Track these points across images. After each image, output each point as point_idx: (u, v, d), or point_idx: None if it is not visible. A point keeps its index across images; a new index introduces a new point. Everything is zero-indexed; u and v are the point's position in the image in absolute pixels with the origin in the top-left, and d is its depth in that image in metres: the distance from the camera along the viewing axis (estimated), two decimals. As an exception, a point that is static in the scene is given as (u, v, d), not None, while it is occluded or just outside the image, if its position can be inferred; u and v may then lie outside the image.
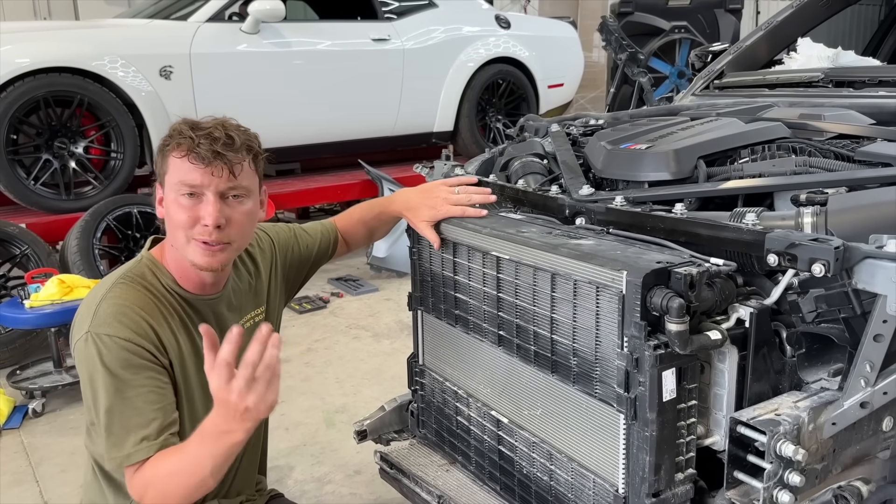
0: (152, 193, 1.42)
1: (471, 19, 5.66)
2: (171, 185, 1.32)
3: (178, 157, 1.30)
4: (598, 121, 2.15)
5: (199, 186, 1.30)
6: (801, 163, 1.39)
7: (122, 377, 1.25)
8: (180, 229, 1.32)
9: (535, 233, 1.38)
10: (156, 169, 1.38)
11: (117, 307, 1.29)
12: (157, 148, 1.37)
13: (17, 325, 2.99)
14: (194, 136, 1.29)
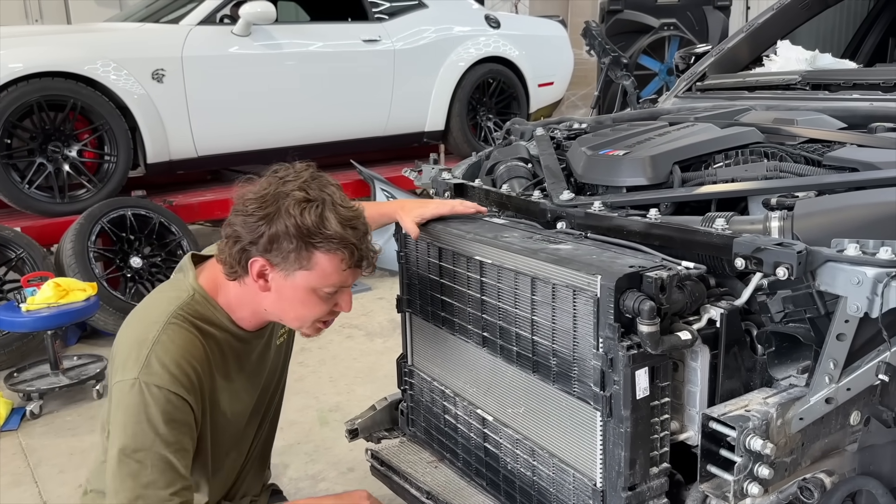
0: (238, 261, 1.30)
1: (461, 19, 5.70)
2: (313, 284, 1.28)
3: (333, 263, 1.27)
4: (582, 124, 2.21)
5: (347, 286, 1.34)
6: (772, 167, 1.45)
7: (160, 431, 1.24)
8: (309, 320, 1.34)
9: (516, 237, 1.43)
10: (268, 245, 1.25)
11: (171, 357, 1.26)
12: (288, 231, 1.24)
13: (14, 329, 3.03)
14: (357, 246, 1.28)
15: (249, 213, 1.26)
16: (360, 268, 1.32)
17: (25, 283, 3.11)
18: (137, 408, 1.23)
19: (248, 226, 1.26)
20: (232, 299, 1.37)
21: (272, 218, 1.25)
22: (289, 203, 1.24)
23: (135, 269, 3.89)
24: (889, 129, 1.61)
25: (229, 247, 1.29)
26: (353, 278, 1.33)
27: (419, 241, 1.67)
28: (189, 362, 1.28)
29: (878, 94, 1.94)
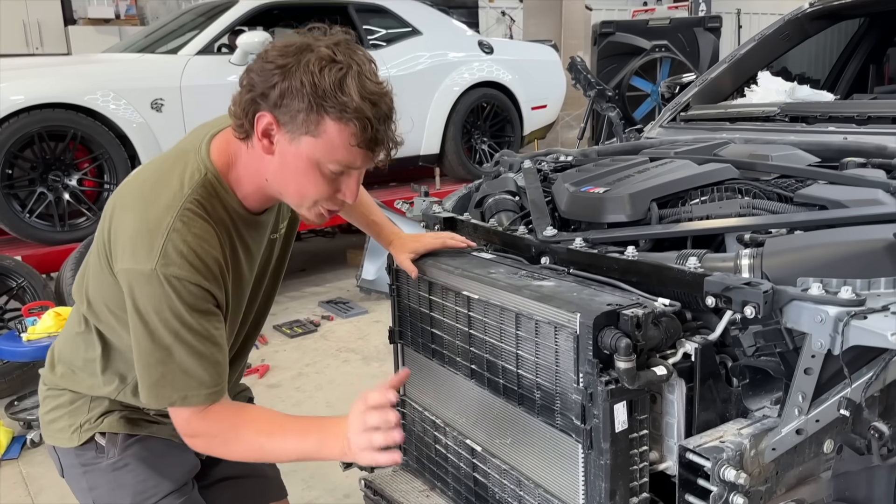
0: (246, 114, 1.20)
1: (455, 45, 5.80)
2: (318, 152, 1.17)
3: (343, 135, 1.15)
4: (568, 157, 2.28)
5: (356, 168, 1.22)
6: (745, 205, 1.51)
7: (187, 321, 1.19)
8: (309, 198, 1.24)
9: (502, 273, 1.49)
10: (276, 99, 1.15)
11: (188, 248, 1.19)
12: (302, 88, 1.13)
13: (16, 358, 3.08)
14: (373, 121, 1.15)
15: (269, 60, 1.16)
16: (372, 151, 1.19)
17: (26, 313, 3.17)
18: (158, 299, 1.18)
19: (264, 74, 1.16)
20: (241, 171, 1.28)
21: (289, 70, 1.14)
22: (311, 58, 1.13)
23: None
24: (859, 164, 1.68)
25: (242, 95, 1.20)
26: (364, 162, 1.21)
27: (407, 276, 1.72)
28: (208, 252, 1.22)
29: (852, 126, 2.02)
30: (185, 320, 1.19)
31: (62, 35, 7.97)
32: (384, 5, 5.61)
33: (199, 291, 1.20)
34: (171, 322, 1.19)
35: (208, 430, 1.26)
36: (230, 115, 1.25)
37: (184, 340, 1.20)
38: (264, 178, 1.26)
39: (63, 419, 1.43)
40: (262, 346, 4.11)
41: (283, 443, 1.24)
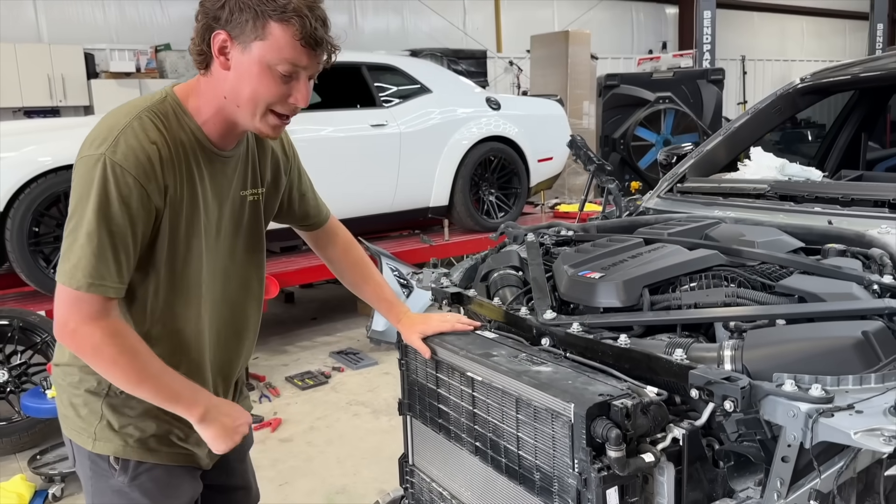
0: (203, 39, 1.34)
1: (463, 102, 6.00)
2: (266, 54, 1.30)
3: (287, 31, 1.29)
4: (569, 232, 2.40)
5: (302, 68, 1.33)
6: (730, 293, 1.62)
7: (114, 211, 1.30)
8: (261, 100, 1.34)
9: (503, 356, 1.61)
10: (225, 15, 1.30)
11: (138, 142, 1.32)
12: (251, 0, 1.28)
13: (40, 415, 3.19)
14: (310, 18, 1.29)
15: None
16: (314, 49, 1.32)
17: (51, 370, 3.28)
18: (98, 182, 1.29)
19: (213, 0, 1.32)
20: (200, 100, 1.41)
21: None
22: None
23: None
24: (839, 251, 1.80)
25: (198, 25, 1.35)
26: (309, 62, 1.33)
27: (418, 353, 1.84)
28: (155, 152, 1.33)
29: (836, 207, 2.13)
30: (113, 209, 1.30)
31: (85, 88, 8.26)
32: (395, 65, 5.83)
33: (135, 185, 1.31)
34: (101, 207, 1.29)
35: (104, 333, 1.32)
36: (190, 52, 1.40)
37: (106, 229, 1.30)
38: (223, 97, 1.38)
39: (78, 419, 1.52)
40: (274, 399, 4.21)
41: (164, 377, 1.39)
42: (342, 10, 11.05)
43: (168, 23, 9.42)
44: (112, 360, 1.35)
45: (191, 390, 1.44)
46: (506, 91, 12.12)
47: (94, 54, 8.50)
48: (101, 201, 1.30)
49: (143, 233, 1.36)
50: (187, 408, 1.43)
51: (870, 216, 2.02)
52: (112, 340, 1.34)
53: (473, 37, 12.05)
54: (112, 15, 9.05)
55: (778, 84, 16.31)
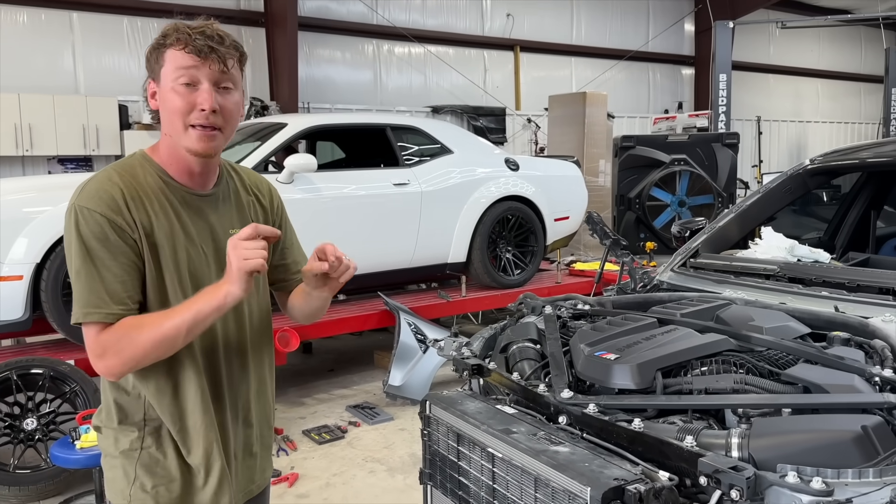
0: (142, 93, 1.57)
1: (483, 162, 6.18)
2: (168, 76, 1.48)
3: (176, 50, 1.48)
4: (585, 306, 2.51)
5: (196, 75, 1.48)
6: (739, 380, 1.72)
7: (92, 247, 1.45)
8: (178, 116, 1.49)
9: (523, 433, 1.70)
10: (148, 67, 1.53)
11: (100, 186, 1.49)
12: (150, 48, 1.52)
13: (68, 466, 3.28)
14: (191, 33, 1.48)
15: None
16: (201, 57, 1.47)
17: (80, 421, 3.40)
18: (73, 226, 1.46)
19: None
20: (161, 148, 1.58)
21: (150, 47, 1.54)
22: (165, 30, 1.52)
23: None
24: (843, 340, 1.89)
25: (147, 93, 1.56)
26: (201, 68, 1.48)
27: (440, 424, 1.94)
28: (117, 192, 1.49)
29: (842, 292, 2.23)
30: (91, 245, 1.45)
31: (117, 138, 8.56)
32: (418, 126, 6.05)
33: (102, 221, 1.46)
34: (80, 247, 1.45)
35: (108, 341, 1.44)
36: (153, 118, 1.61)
37: (91, 264, 1.44)
38: (167, 135, 1.55)
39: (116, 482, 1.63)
40: (291, 453, 4.28)
41: (174, 318, 1.44)
42: (367, 68, 11.40)
43: (199, 76, 9.76)
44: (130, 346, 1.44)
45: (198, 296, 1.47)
46: (523, 147, 12.37)
47: (129, 106, 8.82)
48: (79, 242, 1.45)
49: (131, 261, 1.49)
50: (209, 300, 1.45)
51: (874, 303, 2.12)
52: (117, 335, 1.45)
53: (493, 94, 12.36)
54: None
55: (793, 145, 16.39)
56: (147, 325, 1.46)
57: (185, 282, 1.56)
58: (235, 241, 1.45)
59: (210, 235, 1.63)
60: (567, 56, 13.50)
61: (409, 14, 11.57)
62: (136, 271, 1.51)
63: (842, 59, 18.16)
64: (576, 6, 13.55)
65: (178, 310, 1.47)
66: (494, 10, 12.52)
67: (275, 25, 10.02)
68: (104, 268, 1.45)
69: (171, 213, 1.57)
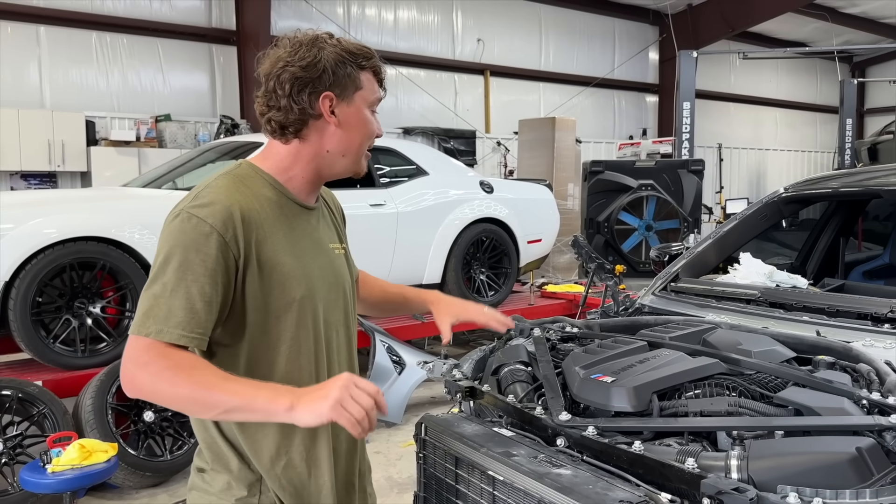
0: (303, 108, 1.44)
1: (458, 184, 6.24)
2: (365, 100, 1.48)
3: (371, 77, 1.49)
4: (573, 329, 2.55)
5: (380, 100, 1.53)
6: (733, 403, 1.76)
7: (191, 260, 1.31)
8: (367, 139, 1.51)
9: (524, 456, 1.72)
10: (330, 76, 1.42)
11: (217, 196, 1.38)
12: (337, 61, 1.43)
13: (39, 490, 3.19)
14: (377, 59, 1.49)
15: (293, 63, 1.42)
16: (382, 85, 1.54)
17: (51, 444, 3.30)
18: (176, 232, 1.34)
19: (304, 69, 1.41)
20: (283, 160, 1.50)
21: (321, 54, 1.43)
22: (323, 40, 1.45)
23: (147, 423, 4.08)
24: (828, 364, 1.96)
25: (287, 100, 1.42)
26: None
27: (437, 447, 1.94)
28: (235, 203, 1.38)
29: (823, 317, 2.31)
30: (189, 258, 1.32)
31: (84, 154, 8.41)
32: (395, 148, 6.09)
33: (211, 232, 1.33)
34: (177, 258, 1.32)
35: (161, 361, 1.27)
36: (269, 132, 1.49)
37: (181, 278, 1.31)
38: (325, 151, 1.49)
39: None
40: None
41: (232, 386, 1.26)
42: (338, 87, 11.42)
43: (169, 93, 9.69)
44: (169, 380, 1.26)
45: (269, 387, 1.29)
46: (493, 169, 12.50)
47: (96, 122, 8.69)
48: (180, 256, 1.33)
49: (223, 284, 1.36)
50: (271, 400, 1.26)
51: (854, 328, 2.19)
52: (161, 361, 1.28)
53: (463, 117, 12.49)
54: (115, 83, 9.30)
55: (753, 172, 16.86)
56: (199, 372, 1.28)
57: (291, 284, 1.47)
58: (349, 380, 1.28)
59: (318, 246, 1.57)
60: (536, 81, 13.73)
61: (382, 36, 11.66)
62: (221, 296, 1.36)
63: (799, 89, 18.81)
64: (544, 33, 13.81)
65: (233, 385, 1.29)
66: (465, 35, 12.70)
67: (247, 44, 10.01)
68: (195, 284, 1.32)
69: (280, 222, 1.48)
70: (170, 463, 4.03)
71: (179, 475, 4.17)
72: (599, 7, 14.36)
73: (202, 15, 9.95)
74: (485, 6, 12.80)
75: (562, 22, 13.93)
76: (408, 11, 12.00)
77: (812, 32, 16.29)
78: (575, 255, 3.77)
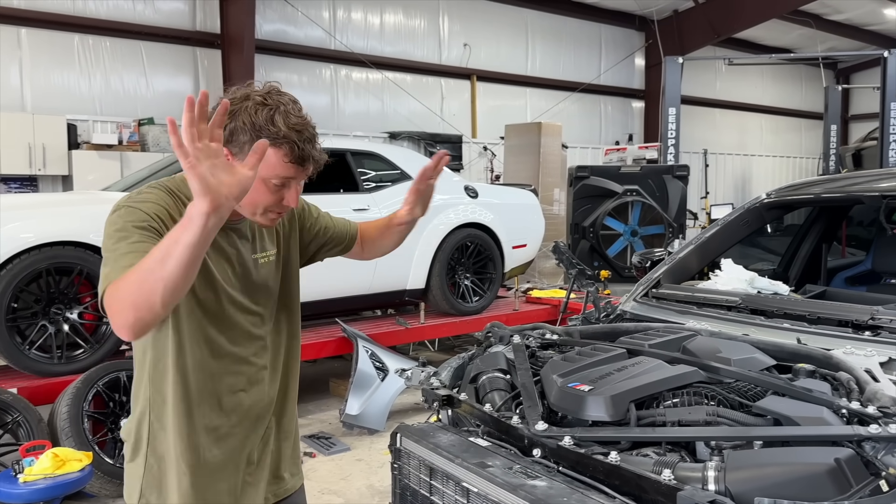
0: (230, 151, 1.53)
1: (442, 189, 6.10)
2: (262, 173, 1.51)
3: (278, 155, 1.52)
4: (553, 336, 2.52)
5: (292, 179, 1.57)
6: (711, 412, 1.73)
7: (129, 231, 1.44)
8: (260, 206, 1.58)
9: (499, 467, 1.68)
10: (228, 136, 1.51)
11: (152, 194, 1.54)
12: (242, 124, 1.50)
13: (12, 500, 3.12)
14: (298, 143, 1.52)
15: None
16: (302, 166, 1.56)
17: (24, 453, 3.24)
18: (117, 218, 1.47)
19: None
20: None
21: (234, 115, 1.52)
22: (248, 104, 1.52)
23: (124, 432, 4.00)
24: (809, 372, 1.94)
25: None
26: (298, 175, 1.57)
27: (411, 457, 1.90)
28: (161, 204, 1.52)
29: (804, 325, 2.29)
30: (127, 230, 1.45)
31: (65, 158, 8.30)
32: (378, 152, 6.05)
33: (146, 218, 1.48)
34: (117, 230, 1.45)
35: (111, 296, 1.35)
36: None
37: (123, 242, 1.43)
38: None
39: None
40: (246, 485, 4.15)
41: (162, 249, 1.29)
42: (325, 92, 11.37)
43: (152, 96, 9.59)
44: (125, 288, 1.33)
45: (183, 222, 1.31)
46: (479, 174, 12.48)
47: (77, 125, 8.58)
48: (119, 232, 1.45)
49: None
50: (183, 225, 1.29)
51: (834, 335, 2.17)
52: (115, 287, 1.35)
53: (450, 122, 12.46)
54: (97, 86, 9.19)
55: (738, 178, 16.94)
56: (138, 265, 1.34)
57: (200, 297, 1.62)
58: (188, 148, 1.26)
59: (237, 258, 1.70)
60: (522, 86, 13.73)
61: (368, 41, 11.63)
62: None
63: (784, 95, 18.94)
64: (531, 38, 13.83)
65: (160, 244, 1.33)
66: (452, 39, 12.69)
67: (231, 48, 9.93)
68: (133, 248, 1.42)
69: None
70: (147, 472, 3.95)
71: (157, 484, 4.10)
72: (586, 13, 14.39)
73: (186, 18, 9.87)
74: (471, 11, 12.79)
75: (548, 27, 13.96)
76: (394, 16, 11.97)
77: (797, 39, 16.41)
78: (556, 260, 3.73)
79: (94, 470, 3.68)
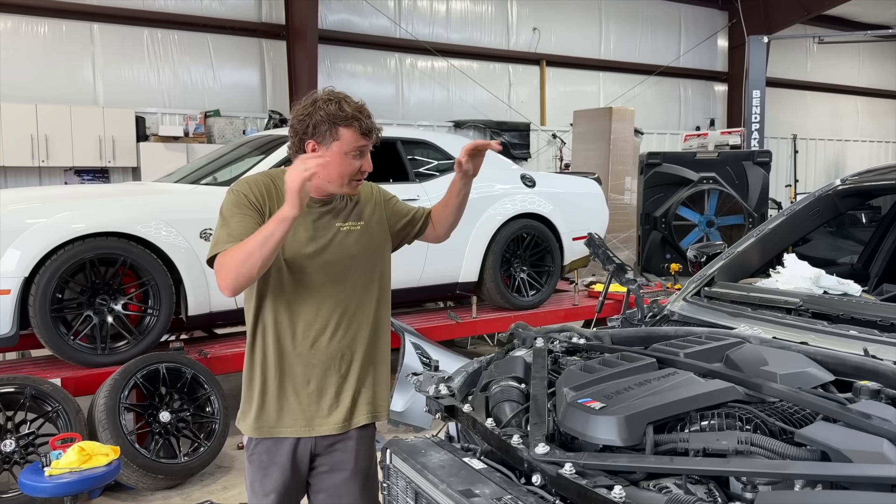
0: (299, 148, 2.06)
1: (497, 178, 5.94)
2: (343, 148, 2.00)
3: (351, 132, 2.00)
4: (581, 339, 2.25)
5: (365, 148, 2.04)
6: (744, 440, 1.44)
7: (233, 211, 2.00)
8: (346, 176, 2.04)
9: (486, 497, 1.46)
10: (311, 130, 2.01)
11: (252, 180, 2.09)
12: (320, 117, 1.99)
13: (35, 494, 3.10)
14: (362, 118, 2.01)
15: (297, 115, 2.05)
16: (370, 136, 2.04)
17: (53, 446, 3.22)
18: (226, 197, 2.05)
19: (299, 123, 2.03)
20: None
21: (310, 115, 2.01)
22: (319, 103, 2.02)
23: (163, 424, 3.98)
24: (872, 391, 1.60)
25: (291, 140, 2.08)
26: (369, 143, 2.05)
27: (399, 477, 1.70)
28: (259, 186, 2.06)
29: (874, 332, 1.94)
30: (232, 210, 2.02)
31: (134, 150, 8.51)
32: (430, 140, 5.84)
33: (244, 199, 2.03)
34: (226, 209, 2.03)
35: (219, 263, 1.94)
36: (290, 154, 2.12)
37: (229, 219, 2.00)
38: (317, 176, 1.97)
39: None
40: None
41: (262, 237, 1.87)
42: (390, 82, 11.27)
43: (219, 89, 9.72)
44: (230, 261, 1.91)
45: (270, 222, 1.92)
46: (548, 163, 12.11)
47: (146, 117, 8.78)
48: (226, 207, 2.04)
49: (258, 223, 1.97)
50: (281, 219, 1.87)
51: (911, 346, 1.82)
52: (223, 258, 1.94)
53: (517, 110, 12.13)
54: (165, 79, 9.39)
55: (831, 165, 15.84)
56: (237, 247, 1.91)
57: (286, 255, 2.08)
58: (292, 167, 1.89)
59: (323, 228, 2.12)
60: (595, 71, 13.23)
61: (433, 28, 11.43)
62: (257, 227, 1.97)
63: (883, 75, 17.56)
64: (604, 20, 13.29)
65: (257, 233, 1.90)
66: (520, 24, 12.32)
67: (296, 38, 9.95)
68: (237, 222, 1.98)
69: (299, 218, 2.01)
70: (183, 466, 3.92)
71: (195, 477, 4.06)
72: (664, -8, 13.73)
73: (252, 10, 9.95)
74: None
75: (623, 8, 13.37)
76: (460, 2, 11.71)
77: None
78: (591, 255, 3.43)
79: (130, 463, 3.66)
